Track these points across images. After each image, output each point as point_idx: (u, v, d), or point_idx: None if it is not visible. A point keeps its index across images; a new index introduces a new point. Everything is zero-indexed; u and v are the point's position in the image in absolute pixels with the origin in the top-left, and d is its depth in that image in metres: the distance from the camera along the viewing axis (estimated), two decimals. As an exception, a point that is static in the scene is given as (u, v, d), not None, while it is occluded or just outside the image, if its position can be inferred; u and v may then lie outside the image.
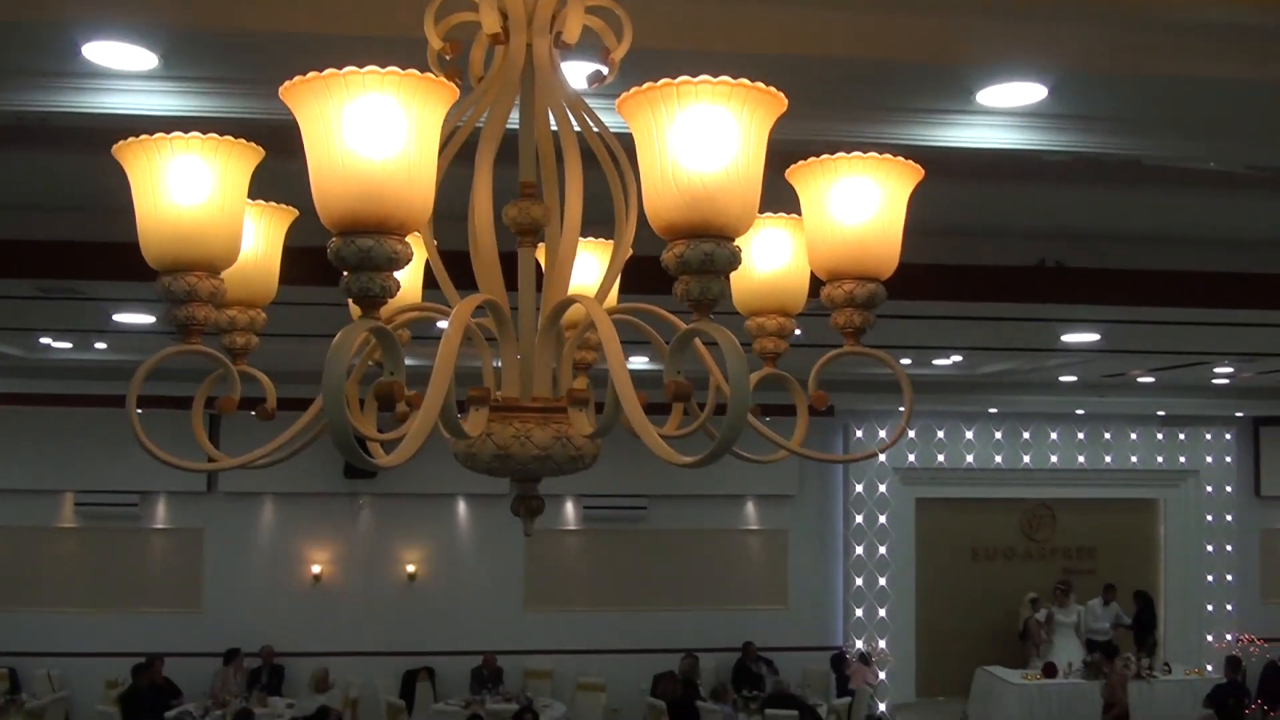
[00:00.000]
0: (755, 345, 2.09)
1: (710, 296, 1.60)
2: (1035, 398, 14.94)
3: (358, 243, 1.52)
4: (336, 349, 1.45)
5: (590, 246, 2.24)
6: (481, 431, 1.76)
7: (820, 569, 16.80)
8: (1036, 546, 17.70)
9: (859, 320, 1.91)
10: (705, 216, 1.59)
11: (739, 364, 1.52)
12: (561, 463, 1.80)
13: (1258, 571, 18.41)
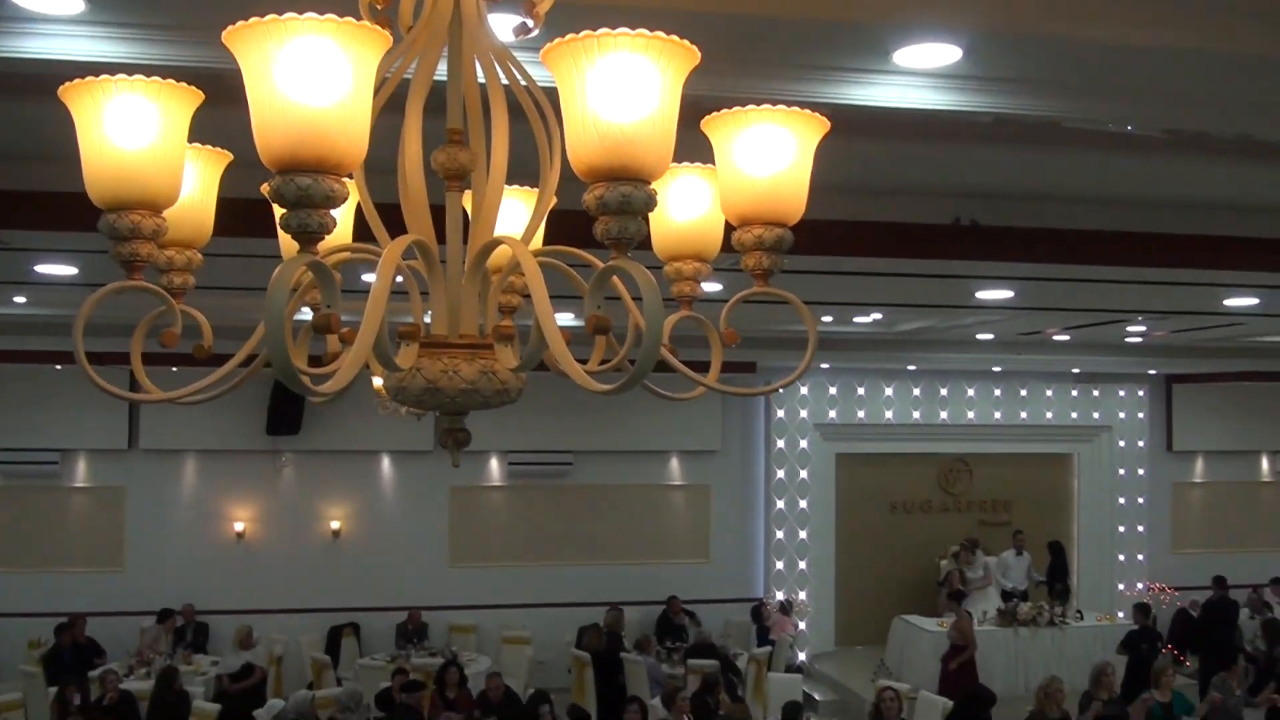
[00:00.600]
0: (673, 289, 2.20)
1: (628, 235, 1.72)
2: (953, 355, 15.21)
3: (296, 181, 1.60)
4: (277, 280, 1.54)
5: (516, 194, 2.33)
6: (412, 366, 1.85)
7: (742, 523, 17.06)
8: (953, 500, 18.10)
9: (767, 263, 2.02)
10: (623, 161, 1.70)
11: (654, 297, 1.63)
12: (488, 396, 1.89)
13: (1169, 523, 18.99)
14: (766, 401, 16.74)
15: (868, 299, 9.21)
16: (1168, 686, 10.82)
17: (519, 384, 1.94)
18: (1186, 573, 18.10)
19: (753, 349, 14.08)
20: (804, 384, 16.69)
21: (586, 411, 15.90)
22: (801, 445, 16.77)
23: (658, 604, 15.81)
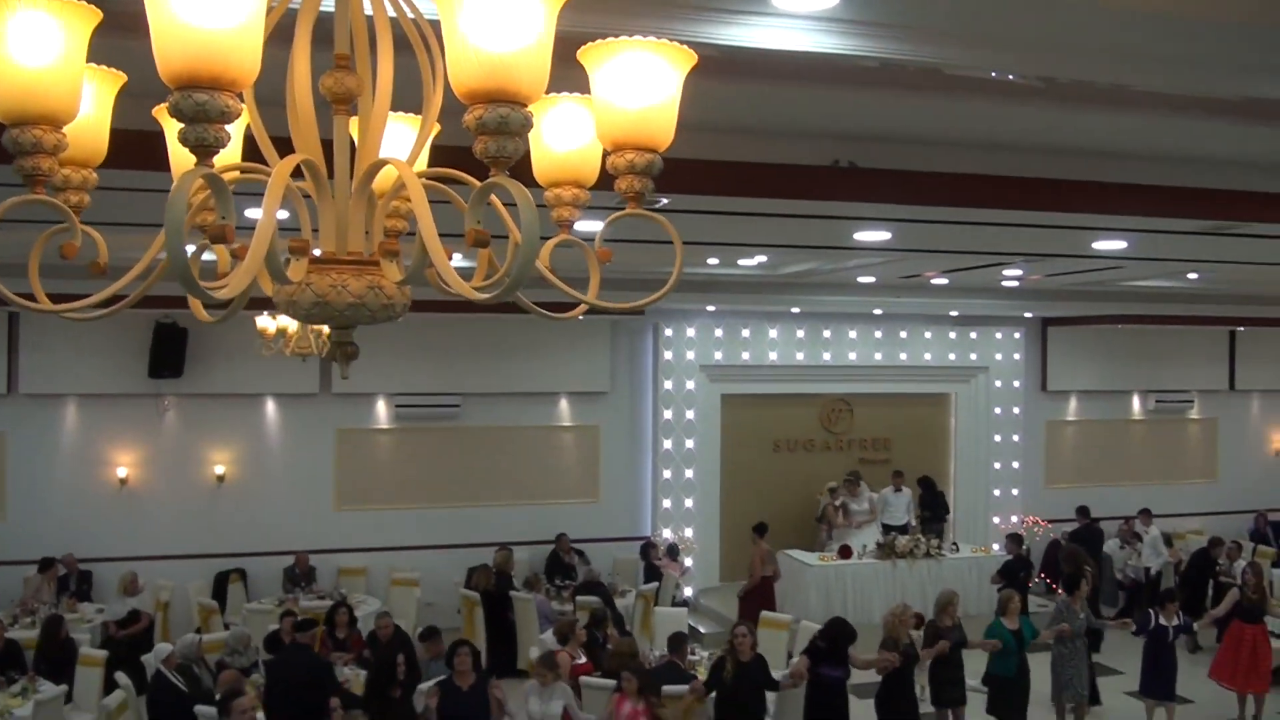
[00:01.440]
0: (553, 214, 2.30)
1: (506, 155, 1.83)
2: (836, 298, 15.42)
3: (194, 97, 1.68)
4: (177, 190, 1.62)
5: (401, 120, 2.42)
6: (301, 281, 1.94)
7: (630, 463, 17.28)
8: (835, 439, 18.52)
9: (639, 185, 2.13)
10: (500, 84, 1.81)
11: (530, 212, 1.75)
12: (375, 310, 1.98)
13: (1042, 459, 19.68)
14: (654, 343, 16.93)
15: (752, 240, 9.33)
16: (1014, 614, 11.36)
17: (404, 300, 2.03)
18: (1059, 506, 18.84)
19: (640, 291, 14.17)
20: (690, 326, 16.89)
21: (474, 354, 15.95)
22: (688, 386, 17.01)
23: (547, 544, 15.97)
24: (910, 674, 10.62)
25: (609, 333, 16.86)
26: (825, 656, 10.11)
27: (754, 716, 9.84)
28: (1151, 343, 20.06)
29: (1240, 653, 12.58)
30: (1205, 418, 21.31)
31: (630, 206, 2.14)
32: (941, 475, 18.96)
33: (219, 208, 1.67)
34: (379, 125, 2.07)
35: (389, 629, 11.20)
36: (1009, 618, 11.38)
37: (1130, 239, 9.20)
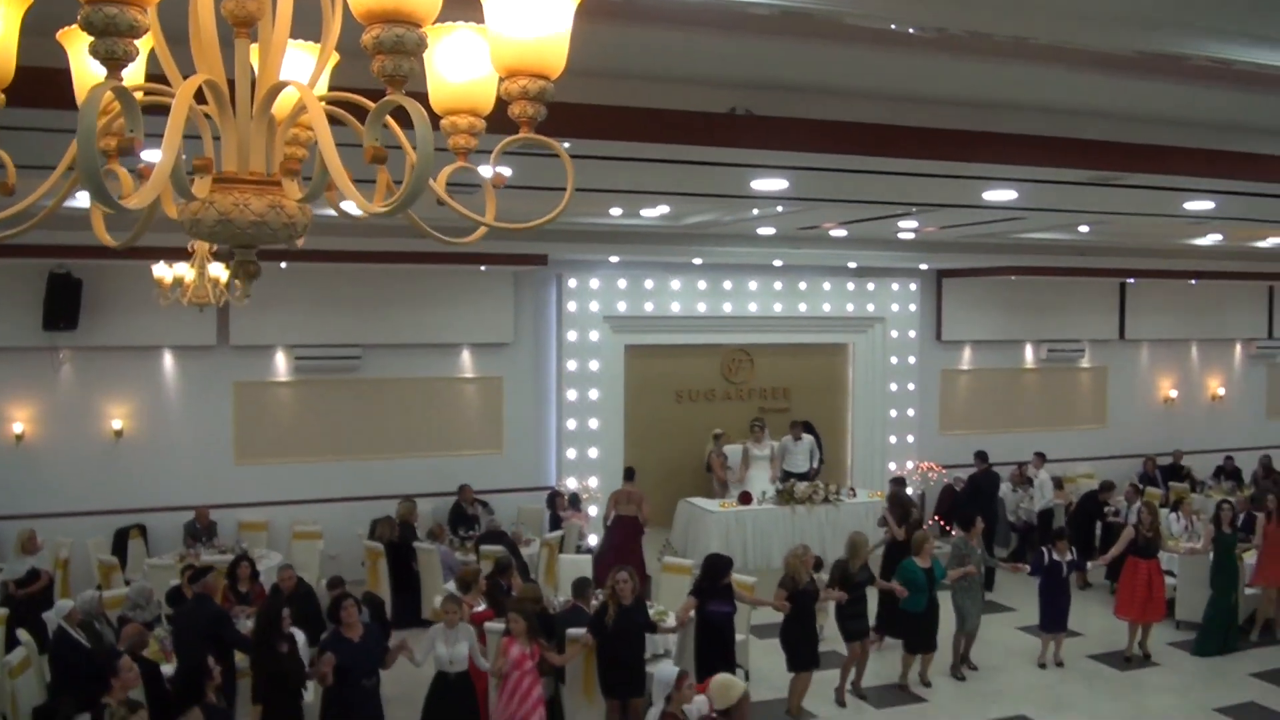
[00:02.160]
0: (450, 142, 2.37)
1: (401, 73, 1.91)
2: (737, 249, 15.62)
3: (104, 10, 1.74)
4: (88, 101, 1.67)
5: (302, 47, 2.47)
6: (205, 199, 1.99)
7: (534, 414, 17.33)
8: (736, 388, 18.78)
9: (531, 111, 2.21)
10: (396, 5, 1.89)
11: (424, 127, 1.83)
12: (276, 229, 2.04)
13: (937, 407, 20.15)
14: (557, 295, 16.99)
15: (652, 187, 9.41)
16: (927, 554, 11.84)
17: (305, 219, 2.10)
18: (953, 452, 19.37)
19: (544, 242, 14.26)
20: (594, 277, 16.96)
21: (375, 305, 15.87)
22: (592, 337, 17.11)
23: (450, 495, 15.98)
24: (811, 611, 10.95)
25: (511, 284, 16.84)
26: (710, 594, 10.37)
27: (635, 656, 10.05)
28: (1044, 294, 20.59)
29: (1137, 586, 13.12)
30: (1096, 366, 21.96)
31: (523, 131, 2.22)
32: (839, 423, 19.37)
33: (128, 122, 1.73)
34: (279, 49, 2.13)
35: (291, 580, 11.17)
36: (922, 557, 11.88)
37: (1020, 189, 9.45)
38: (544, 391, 17.39)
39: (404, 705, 10.08)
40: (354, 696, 8.76)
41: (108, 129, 2.13)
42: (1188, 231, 15.85)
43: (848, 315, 18.97)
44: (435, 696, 9.34)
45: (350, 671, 8.73)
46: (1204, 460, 21.12)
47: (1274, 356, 24.16)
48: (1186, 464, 20.56)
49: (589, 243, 14.62)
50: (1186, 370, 23.22)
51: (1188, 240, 17.06)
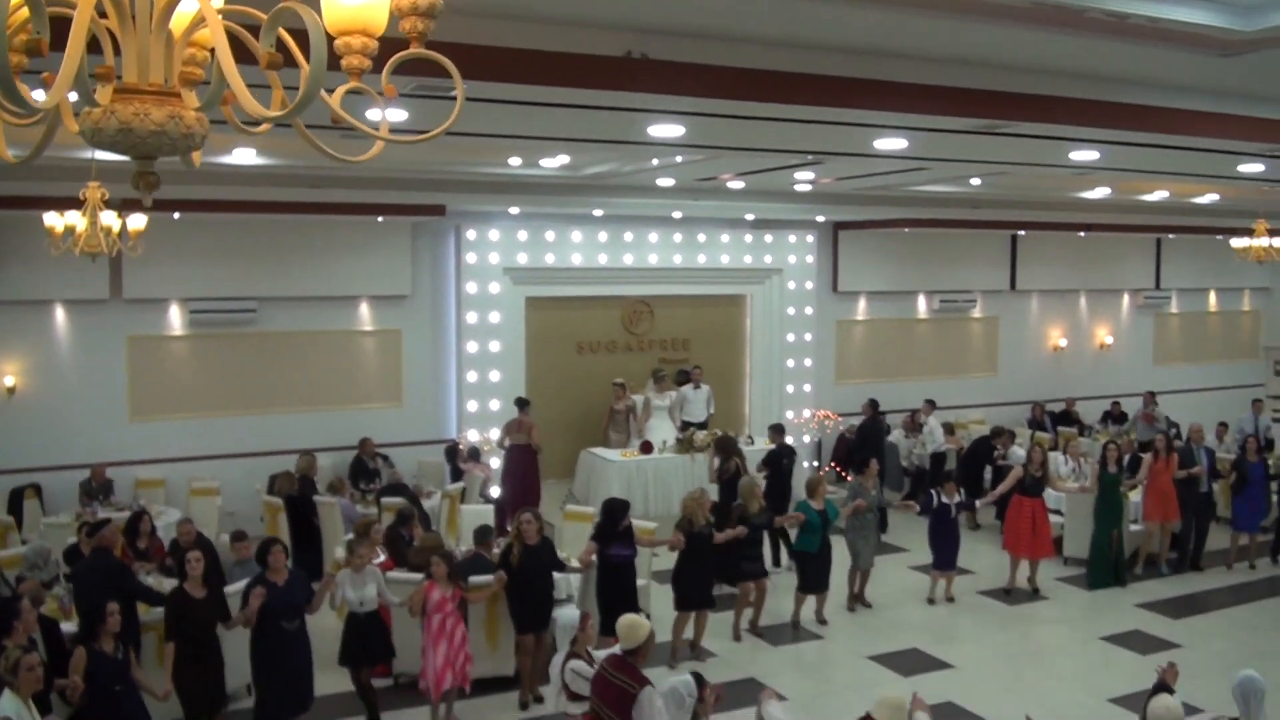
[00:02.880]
0: (344, 63, 2.41)
1: (299, -19, 1.96)
2: (636, 201, 15.67)
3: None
4: (0, 5, 1.71)
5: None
6: (106, 108, 2.03)
7: (434, 366, 17.29)
8: (636, 339, 18.91)
9: (422, 26, 2.28)
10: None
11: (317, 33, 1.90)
12: (175, 138, 2.08)
13: (833, 357, 20.48)
14: (456, 246, 16.90)
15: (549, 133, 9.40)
16: (821, 495, 12.11)
17: (203, 129, 2.14)
18: (849, 401, 19.71)
19: (442, 192, 14.20)
20: (493, 229, 16.90)
21: (271, 256, 15.68)
22: (491, 289, 17.05)
23: (350, 449, 15.91)
24: (706, 553, 11.15)
25: (409, 236, 16.73)
26: (609, 538, 10.59)
27: (542, 595, 10.26)
28: (937, 246, 21.01)
29: (1022, 524, 13.56)
30: (987, 316, 22.47)
31: (414, 45, 2.28)
32: (737, 373, 19.61)
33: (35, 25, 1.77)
34: (177, -38, 2.17)
35: (191, 534, 11.08)
36: (815, 499, 12.15)
37: (911, 138, 9.62)
38: (444, 344, 17.31)
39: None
40: (279, 638, 8.83)
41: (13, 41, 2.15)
42: (1077, 185, 16.25)
43: (746, 267, 19.16)
44: (350, 633, 9.56)
45: (274, 615, 8.78)
46: (1093, 406, 21.74)
47: (1161, 306, 24.97)
48: (1077, 409, 21.15)
49: (488, 193, 14.58)
50: (1075, 320, 23.86)
51: (1077, 194, 17.49)
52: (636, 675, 6.72)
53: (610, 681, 6.75)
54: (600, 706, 6.76)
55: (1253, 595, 13.96)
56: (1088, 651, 11.91)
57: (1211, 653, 11.55)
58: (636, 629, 6.87)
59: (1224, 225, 20.68)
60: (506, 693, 10.54)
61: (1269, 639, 11.80)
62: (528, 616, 10.25)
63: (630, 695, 6.59)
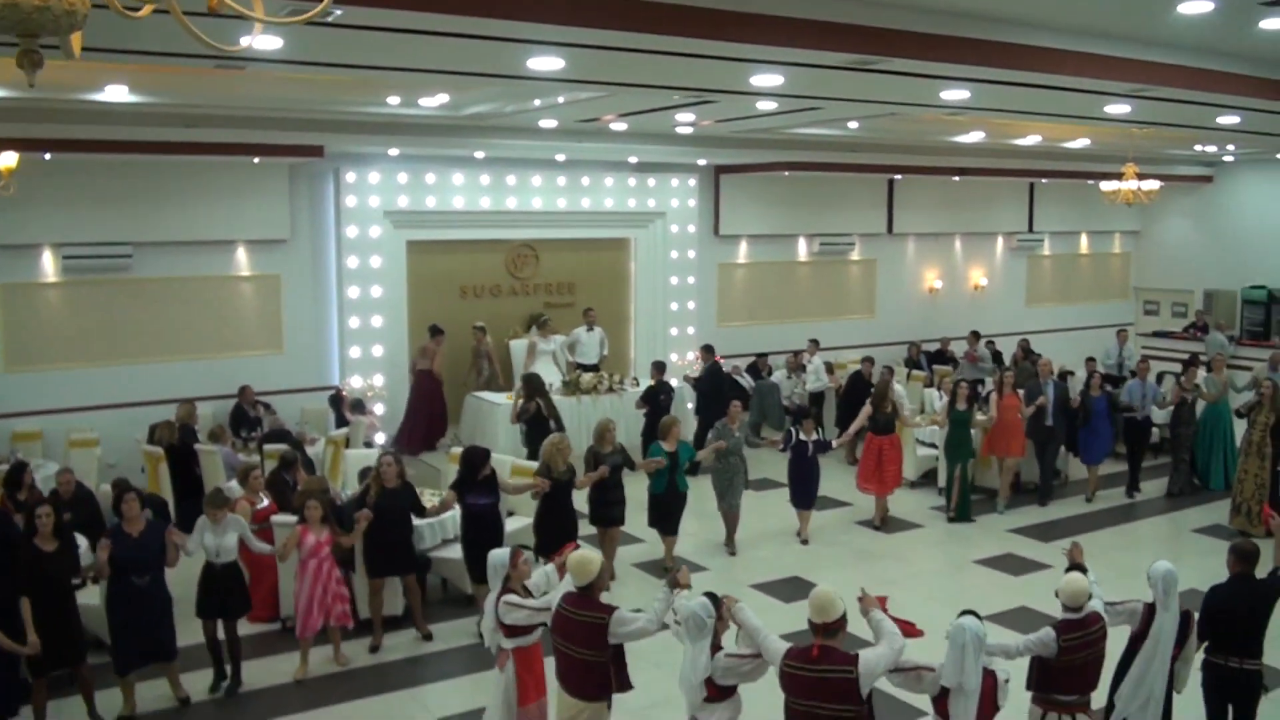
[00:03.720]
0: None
1: None
2: (519, 143, 15.64)
3: None
4: None
5: None
6: (-11, -17, 2.05)
7: (314, 312, 17.06)
8: (521, 284, 18.89)
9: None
10: None
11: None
12: (59, 15, 2.10)
13: (715, 300, 20.71)
14: (336, 190, 16.65)
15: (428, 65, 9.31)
16: (674, 437, 12.19)
17: (84, 8, 2.16)
18: (732, 343, 19.99)
19: (320, 132, 14.02)
20: (373, 171, 16.68)
21: (146, 200, 15.32)
22: (372, 233, 16.83)
23: (231, 398, 15.73)
24: (567, 498, 11.08)
25: (287, 178, 16.43)
26: (469, 486, 10.48)
27: (401, 538, 10.28)
28: (817, 190, 21.34)
29: (879, 461, 13.95)
30: (865, 259, 22.90)
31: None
32: (622, 316, 19.75)
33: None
34: None
35: (70, 484, 10.90)
36: (668, 441, 12.21)
37: (785, 73, 9.72)
38: (324, 289, 17.08)
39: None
40: (130, 591, 8.66)
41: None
42: (951, 128, 16.63)
43: (629, 210, 19.24)
44: (205, 585, 9.39)
45: (126, 567, 8.63)
46: (967, 346, 22.35)
47: (1033, 249, 25.69)
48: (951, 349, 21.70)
49: (367, 134, 14.42)
50: (951, 262, 24.43)
51: (952, 138, 17.89)
52: (601, 606, 6.75)
53: (575, 619, 6.73)
54: (568, 646, 6.75)
55: (1113, 520, 14.59)
56: (962, 574, 12.37)
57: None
58: (587, 565, 6.84)
59: (1095, 170, 21.32)
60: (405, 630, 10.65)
61: (1131, 558, 12.32)
62: (379, 560, 10.26)
63: (602, 626, 6.62)
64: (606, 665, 6.74)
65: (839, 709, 5.68)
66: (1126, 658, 7.24)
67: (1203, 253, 25.95)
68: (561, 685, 6.91)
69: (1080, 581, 6.76)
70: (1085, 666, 6.70)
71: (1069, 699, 6.74)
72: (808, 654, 5.77)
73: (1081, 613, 6.67)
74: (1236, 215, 25.21)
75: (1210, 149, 21.68)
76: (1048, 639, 6.59)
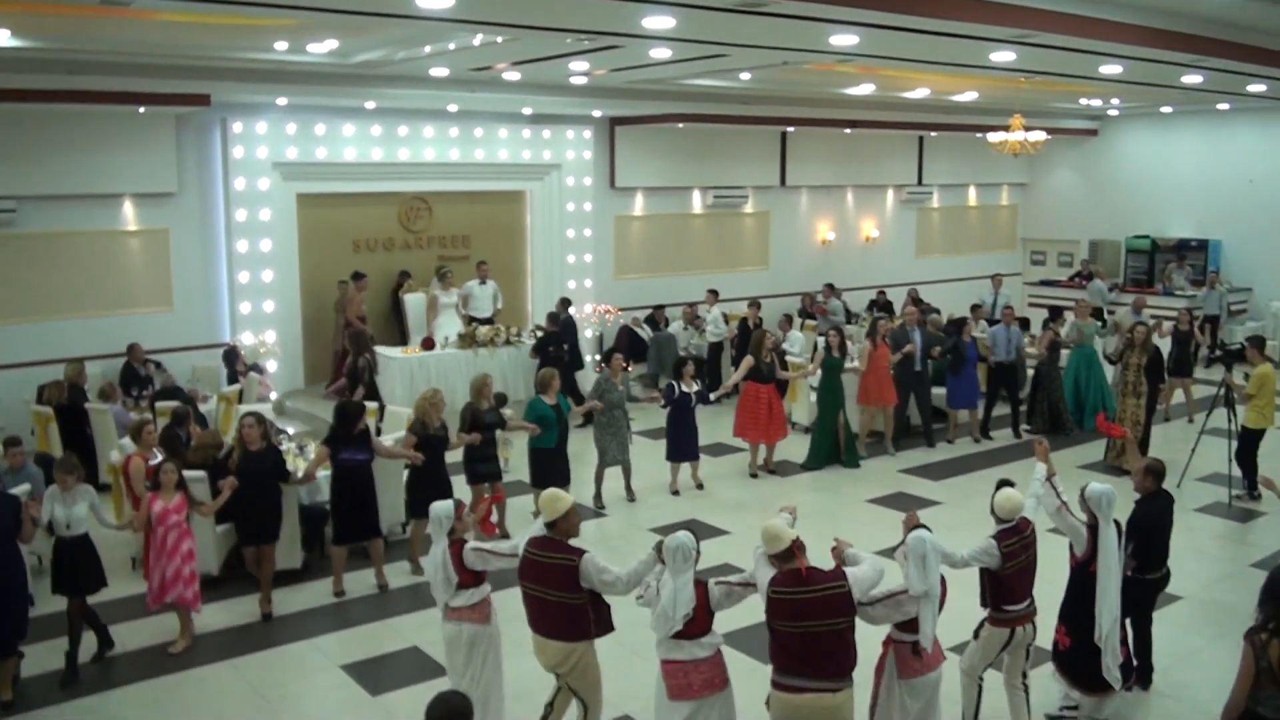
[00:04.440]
0: None
1: None
2: (410, 92, 15.50)
3: None
4: None
5: None
6: None
7: (204, 268, 16.71)
8: (415, 237, 18.74)
9: None
10: None
11: None
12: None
13: (612, 253, 20.74)
14: (224, 141, 16.29)
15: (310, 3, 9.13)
16: (553, 391, 12.15)
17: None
18: (628, 295, 20.11)
19: (207, 80, 13.77)
20: (261, 121, 16.33)
21: (28, 153, 14.85)
22: (261, 185, 16.49)
23: (120, 356, 15.40)
24: (440, 455, 10.93)
25: (174, 129, 16.00)
26: (343, 442, 10.31)
27: (268, 500, 9.98)
28: (711, 142, 21.45)
29: (759, 410, 14.10)
30: (759, 211, 23.09)
31: None
32: (519, 269, 19.70)
33: None
34: None
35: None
36: (548, 394, 12.14)
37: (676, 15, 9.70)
38: (213, 244, 16.70)
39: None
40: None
41: None
42: (842, 80, 16.79)
43: (524, 162, 19.12)
44: (57, 559, 8.88)
45: None
46: (860, 296, 22.64)
47: (923, 201, 26.13)
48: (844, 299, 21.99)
49: (254, 82, 14.16)
50: (843, 214, 24.74)
51: (843, 90, 18.07)
52: (570, 549, 6.69)
53: (544, 562, 6.68)
54: (542, 590, 6.68)
55: (999, 460, 14.93)
56: (855, 512, 12.62)
57: (971, 509, 12.35)
58: (558, 501, 6.76)
59: (983, 123, 21.64)
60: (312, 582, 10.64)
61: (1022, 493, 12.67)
62: (248, 530, 9.99)
63: (572, 568, 6.59)
64: (584, 606, 6.67)
65: (835, 622, 5.84)
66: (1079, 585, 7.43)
67: (1088, 204, 26.63)
68: (539, 632, 6.82)
69: (1015, 496, 7.11)
70: (1026, 571, 7.10)
71: (1020, 608, 7.10)
72: (796, 577, 5.88)
73: (1013, 521, 7.05)
74: (1121, 167, 25.92)
75: (1095, 103, 22.20)
76: (990, 548, 6.95)
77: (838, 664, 5.88)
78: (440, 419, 10.98)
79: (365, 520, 10.45)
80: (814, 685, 5.85)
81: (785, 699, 5.95)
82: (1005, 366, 16.21)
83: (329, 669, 8.90)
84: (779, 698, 5.99)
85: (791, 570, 5.90)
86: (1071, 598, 7.52)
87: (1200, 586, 10.32)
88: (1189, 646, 9.03)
